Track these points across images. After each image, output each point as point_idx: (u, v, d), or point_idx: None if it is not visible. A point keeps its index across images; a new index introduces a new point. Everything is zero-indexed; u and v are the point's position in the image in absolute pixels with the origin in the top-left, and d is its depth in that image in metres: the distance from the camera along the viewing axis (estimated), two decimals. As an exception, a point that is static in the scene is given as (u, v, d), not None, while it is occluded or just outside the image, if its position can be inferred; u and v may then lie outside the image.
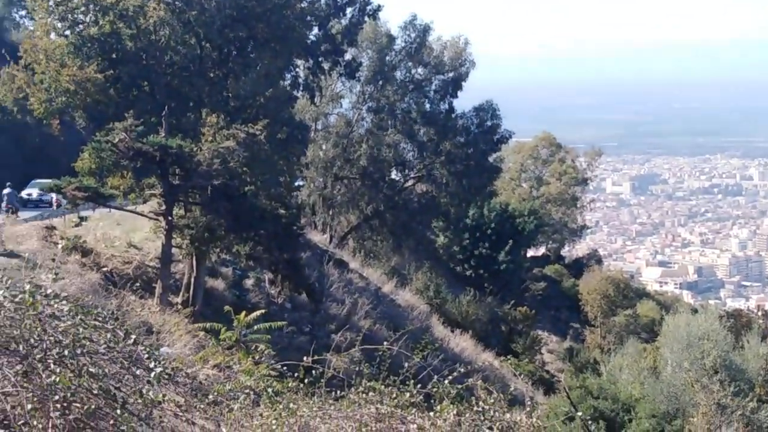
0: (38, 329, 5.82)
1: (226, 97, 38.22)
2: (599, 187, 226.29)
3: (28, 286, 6.34)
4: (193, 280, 35.52)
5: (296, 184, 48.56)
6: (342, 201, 68.42)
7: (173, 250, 33.89)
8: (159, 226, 33.55)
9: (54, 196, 45.83)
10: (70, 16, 38.19)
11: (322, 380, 9.44)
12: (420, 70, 67.98)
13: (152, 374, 6.16)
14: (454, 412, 8.66)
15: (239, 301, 37.19)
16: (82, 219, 41.95)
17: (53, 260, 29.47)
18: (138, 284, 32.40)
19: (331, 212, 68.56)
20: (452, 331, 54.39)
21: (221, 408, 7.51)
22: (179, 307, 33.24)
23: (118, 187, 34.56)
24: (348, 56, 53.76)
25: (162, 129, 32.96)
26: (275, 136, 36.70)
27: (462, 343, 52.86)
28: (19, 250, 30.69)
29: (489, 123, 68.25)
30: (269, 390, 9.58)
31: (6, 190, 43.92)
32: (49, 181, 45.08)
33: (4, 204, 44.17)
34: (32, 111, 43.73)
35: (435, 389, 9.25)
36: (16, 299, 6.00)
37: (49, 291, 6.49)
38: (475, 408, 8.75)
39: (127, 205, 35.77)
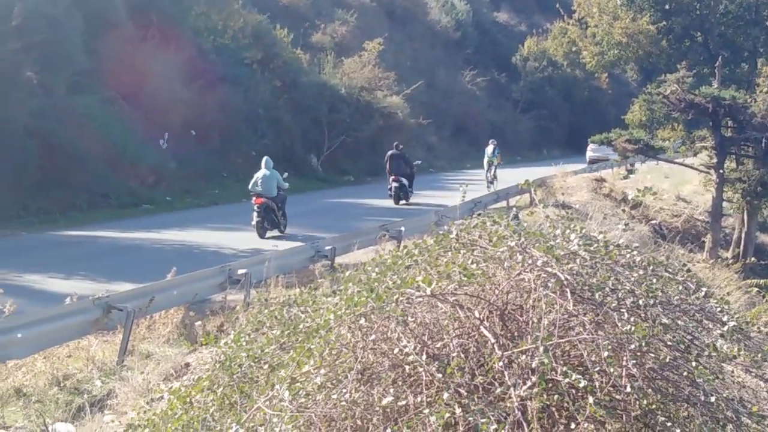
0: (612, 279, 5.90)
1: (783, 45, 36.59)
2: None
3: (600, 236, 6.47)
4: (743, 235, 34.51)
5: None
6: None
7: (723, 204, 33.09)
8: (709, 180, 32.90)
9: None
10: (623, -32, 38.47)
11: None
12: None
13: (725, 328, 6.03)
14: None
15: (793, 259, 35.59)
16: (631, 171, 42.25)
17: (623, 211, 30.07)
18: (687, 238, 32.16)
19: None
20: None
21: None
22: (729, 262, 32.44)
23: (668, 140, 34.42)
24: None
25: (714, 80, 32.28)
26: (838, 86, 34.52)
27: None
28: (570, 201, 31.61)
29: None
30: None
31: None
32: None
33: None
34: (582, 64, 44.77)
35: None
36: (590, 248, 6.12)
37: (620, 241, 6.58)
38: None
39: (676, 158, 35.44)
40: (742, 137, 31.24)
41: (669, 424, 5.23)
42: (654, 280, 6.05)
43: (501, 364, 5.23)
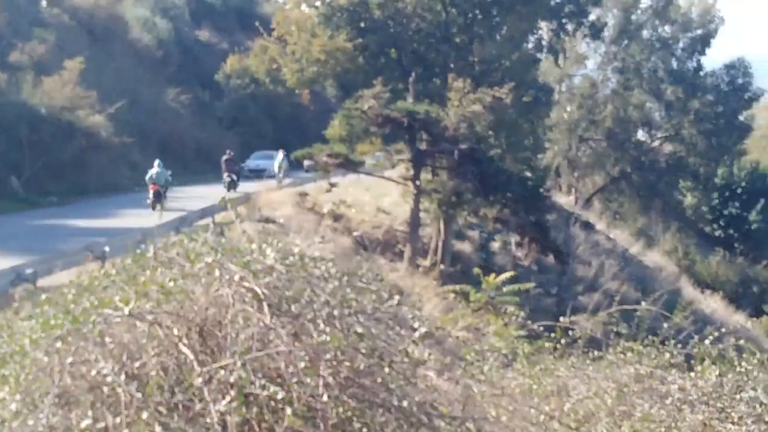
0: (308, 291, 6.03)
1: (471, 61, 38.21)
2: None
3: (297, 249, 6.61)
4: (440, 243, 35.90)
5: (541, 146, 48.03)
6: (587, 162, 67.61)
7: (421, 214, 34.32)
8: (407, 191, 34.07)
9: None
10: (320, -14, 39.10)
11: (579, 341, 9.37)
12: (667, 28, 66.01)
13: (416, 334, 6.29)
14: (716, 372, 8.43)
15: (486, 264, 37.28)
16: (333, 185, 43.05)
17: (319, 224, 30.51)
18: (388, 248, 33.17)
19: (576, 174, 67.87)
20: (702, 293, 53.09)
21: (473, 368, 7.59)
22: (427, 269, 33.72)
23: (367, 153, 35.32)
24: (592, 16, 52.29)
25: (409, 95, 33.39)
26: (520, 99, 36.49)
27: (712, 304, 51.36)
28: (275, 216, 31.86)
29: (740, 80, 65.29)
30: (523, 351, 9.64)
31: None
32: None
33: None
34: (284, 81, 45.15)
35: (695, 349, 9.00)
36: (287, 262, 6.24)
37: (316, 254, 6.74)
38: (738, 369, 8.49)
39: (376, 171, 36.45)
40: (437, 149, 32.52)
41: (365, 430, 5.42)
42: (349, 290, 6.21)
43: (200, 380, 5.25)
